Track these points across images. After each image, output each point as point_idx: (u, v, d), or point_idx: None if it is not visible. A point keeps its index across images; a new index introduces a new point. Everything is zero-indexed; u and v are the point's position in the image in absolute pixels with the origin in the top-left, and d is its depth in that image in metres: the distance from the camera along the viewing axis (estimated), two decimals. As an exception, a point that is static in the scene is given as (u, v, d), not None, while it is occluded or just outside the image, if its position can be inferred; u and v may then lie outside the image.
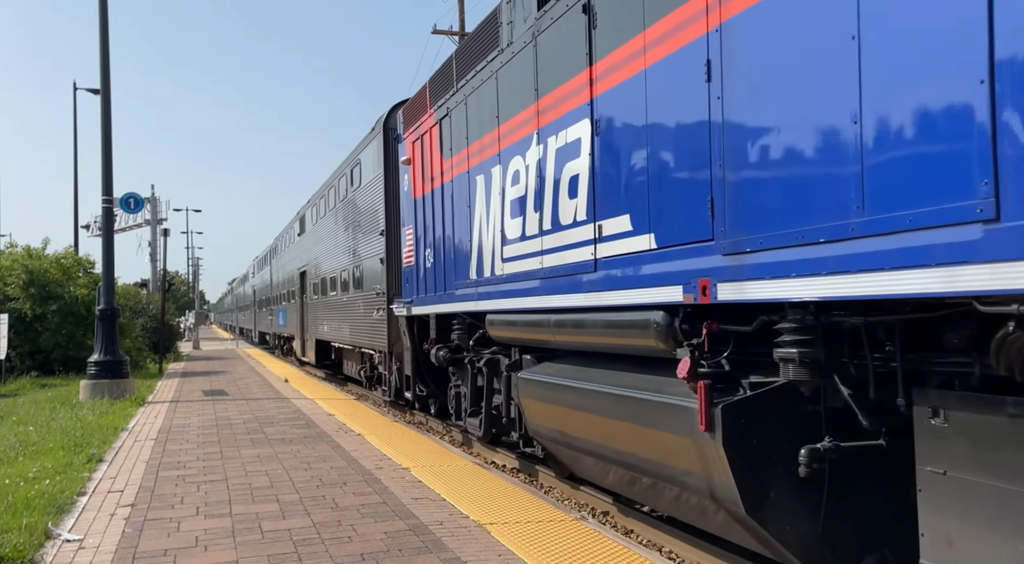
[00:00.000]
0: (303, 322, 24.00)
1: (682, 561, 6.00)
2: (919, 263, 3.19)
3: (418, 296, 10.91)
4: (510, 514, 5.99)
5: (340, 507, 6.27)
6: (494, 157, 8.03)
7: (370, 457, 8.48)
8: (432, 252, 10.25)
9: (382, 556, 4.97)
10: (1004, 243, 2.87)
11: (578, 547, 5.13)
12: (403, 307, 11.57)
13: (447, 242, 9.66)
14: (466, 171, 8.89)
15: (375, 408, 14.10)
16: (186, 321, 60.99)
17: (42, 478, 7.34)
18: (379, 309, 13.66)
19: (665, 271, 5.06)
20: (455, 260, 9.33)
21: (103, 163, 15.65)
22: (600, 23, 5.96)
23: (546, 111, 6.87)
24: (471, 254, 8.72)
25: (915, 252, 3.22)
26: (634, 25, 5.42)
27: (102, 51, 15.57)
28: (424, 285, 10.64)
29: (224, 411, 12.97)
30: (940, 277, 3.11)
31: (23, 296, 21.31)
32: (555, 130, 6.67)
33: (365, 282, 15.13)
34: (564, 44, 6.52)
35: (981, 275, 2.96)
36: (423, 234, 10.67)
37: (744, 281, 4.30)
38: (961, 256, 3.04)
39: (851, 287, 3.56)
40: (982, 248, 2.96)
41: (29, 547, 5.20)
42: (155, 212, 43.47)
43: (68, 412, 12.69)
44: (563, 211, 6.48)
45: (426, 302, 10.56)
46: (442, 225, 9.88)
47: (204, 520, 5.95)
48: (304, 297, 23.90)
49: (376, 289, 13.96)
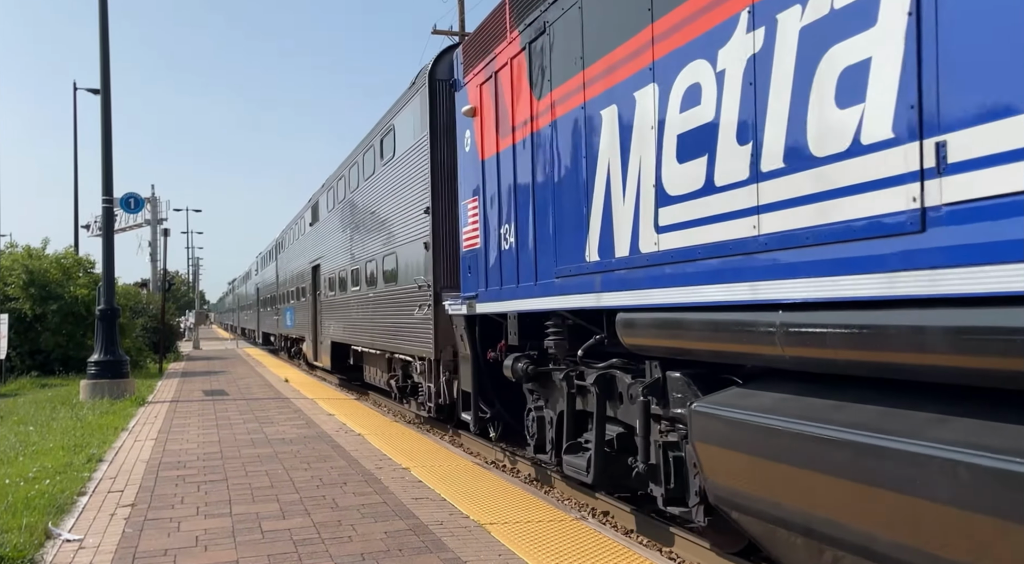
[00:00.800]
0: (315, 322, 21.70)
1: (682, 561, 6.00)
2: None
3: (486, 289, 8.47)
4: (510, 514, 5.98)
5: (340, 507, 6.27)
6: (642, 74, 5.50)
7: (370, 457, 8.48)
8: (512, 229, 7.77)
9: (382, 556, 4.97)
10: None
11: (578, 547, 5.13)
12: (461, 304, 9.27)
13: (541, 213, 7.15)
14: (579, 106, 6.43)
15: (375, 408, 14.09)
16: (186, 321, 61.00)
17: (42, 478, 7.34)
18: (423, 306, 11.25)
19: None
20: (556, 237, 6.86)
21: (103, 163, 15.65)
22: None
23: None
24: (588, 226, 6.23)
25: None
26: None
27: (102, 51, 15.57)
28: (497, 274, 8.21)
29: (224, 411, 12.96)
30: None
31: (23, 296, 21.32)
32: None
33: (401, 274, 12.60)
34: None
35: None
36: (496, 206, 8.21)
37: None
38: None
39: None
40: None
41: (29, 547, 5.21)
42: (155, 212, 43.43)
43: (68, 412, 12.69)
44: (820, 130, 3.90)
45: (501, 297, 8.12)
46: (531, 191, 7.34)
47: (204, 520, 5.95)
48: (317, 294, 21.53)
49: (418, 281, 11.45)
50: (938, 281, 3.25)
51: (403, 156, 12.48)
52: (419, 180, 11.43)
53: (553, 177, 6.96)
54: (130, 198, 21.73)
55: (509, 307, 7.98)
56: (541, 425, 7.98)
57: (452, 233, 10.38)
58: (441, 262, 10.72)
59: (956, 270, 3.18)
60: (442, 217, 10.75)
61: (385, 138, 13.77)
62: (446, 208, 10.62)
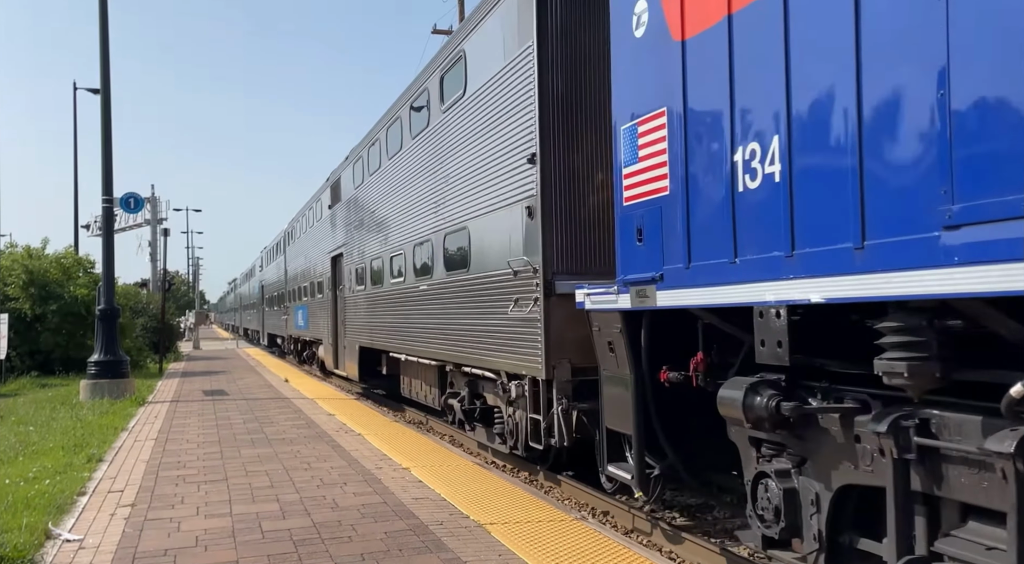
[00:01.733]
0: (336, 323, 18.51)
1: (682, 561, 6.00)
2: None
3: (687, 265, 5.16)
4: (510, 514, 5.98)
5: (340, 507, 6.27)
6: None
7: (370, 457, 8.48)
8: (778, 149, 4.32)
9: (382, 556, 4.97)
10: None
11: (578, 547, 5.13)
12: (615, 294, 6.02)
13: (848, 118, 3.87)
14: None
15: (376, 408, 14.09)
16: (186, 321, 61.00)
17: (42, 478, 7.34)
18: (522, 300, 7.84)
19: None
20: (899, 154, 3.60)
21: (103, 163, 15.65)
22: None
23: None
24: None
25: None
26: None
27: (102, 51, 15.57)
28: (722, 236, 4.80)
29: (224, 411, 12.96)
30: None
31: (23, 296, 21.33)
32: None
33: (477, 256, 9.26)
34: None
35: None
36: (725, 118, 4.79)
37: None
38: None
39: None
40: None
41: (29, 547, 5.21)
42: (155, 212, 43.46)
43: (68, 412, 12.69)
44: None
45: (729, 276, 4.74)
46: (814, 82, 4.11)
47: (204, 520, 5.95)
48: (338, 290, 18.36)
49: (512, 265, 8.04)
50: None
51: (481, 91, 9.12)
52: (514, 118, 8.16)
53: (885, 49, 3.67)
54: (130, 198, 21.73)
55: (774, 293, 4.36)
56: (791, 503, 4.64)
57: (569, 192, 7.61)
58: (555, 235, 7.56)
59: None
60: (557, 167, 7.62)
61: (450, 73, 10.34)
62: (562, 153, 7.64)
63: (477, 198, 9.25)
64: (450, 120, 10.22)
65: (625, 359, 6.05)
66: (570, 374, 7.33)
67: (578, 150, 7.66)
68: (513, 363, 8.11)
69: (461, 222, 9.79)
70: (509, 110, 8.32)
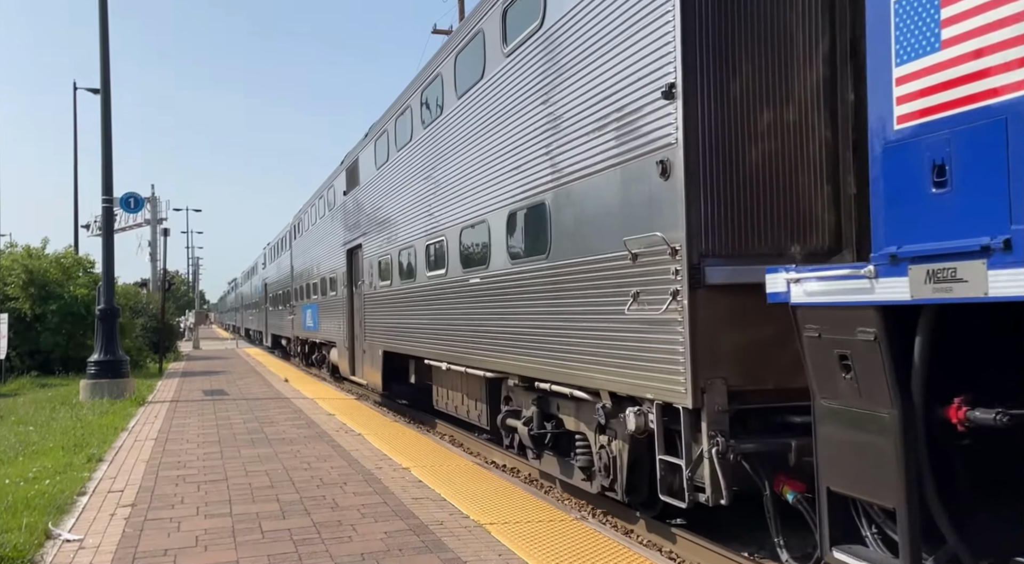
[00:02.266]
0: (352, 324, 16.69)
1: (682, 561, 6.00)
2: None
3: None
4: (510, 514, 5.99)
5: (340, 507, 6.27)
6: None
7: (370, 457, 8.48)
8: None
9: (382, 556, 4.97)
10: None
11: (578, 547, 5.13)
12: (894, 275, 3.62)
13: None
14: None
15: (376, 408, 14.09)
16: (186, 321, 61.00)
17: (42, 478, 7.34)
18: (656, 292, 5.57)
19: None
20: None
21: (103, 163, 15.66)
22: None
23: None
24: None
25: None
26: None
27: (102, 51, 15.57)
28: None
29: (224, 410, 12.96)
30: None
31: (23, 296, 21.33)
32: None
33: (559, 238, 7.15)
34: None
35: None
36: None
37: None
38: None
39: None
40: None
41: (29, 547, 5.21)
42: (155, 212, 43.44)
43: (68, 412, 12.69)
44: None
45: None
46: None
47: (204, 520, 5.95)
48: (356, 286, 16.41)
49: (633, 245, 5.81)
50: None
51: (570, 17, 6.85)
52: (637, 36, 5.80)
53: None
54: (130, 198, 21.74)
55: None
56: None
57: (726, 139, 5.34)
58: (706, 201, 5.32)
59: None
60: (708, 102, 5.34)
61: (516, 4, 8.14)
62: (715, 83, 5.34)
63: (565, 159, 6.99)
64: (518, 63, 7.96)
65: (883, 385, 3.77)
66: (727, 400, 5.17)
67: (736, 77, 5.39)
68: (630, 382, 5.91)
69: (535, 194, 7.61)
70: (627, 26, 5.95)
